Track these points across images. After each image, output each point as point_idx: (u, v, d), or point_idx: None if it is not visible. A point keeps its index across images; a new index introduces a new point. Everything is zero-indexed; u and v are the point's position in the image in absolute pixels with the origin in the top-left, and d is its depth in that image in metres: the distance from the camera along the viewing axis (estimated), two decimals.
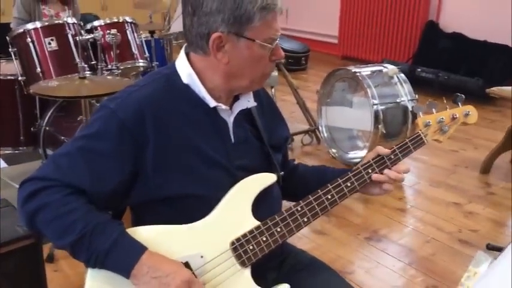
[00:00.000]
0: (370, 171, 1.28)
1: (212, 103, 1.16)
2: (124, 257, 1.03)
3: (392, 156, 1.30)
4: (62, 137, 2.76)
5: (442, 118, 1.39)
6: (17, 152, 3.10)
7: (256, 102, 1.26)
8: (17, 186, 2.86)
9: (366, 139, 3.56)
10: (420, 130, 1.38)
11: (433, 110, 1.40)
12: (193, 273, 1.08)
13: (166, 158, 1.10)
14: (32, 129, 2.95)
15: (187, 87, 1.16)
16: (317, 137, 3.91)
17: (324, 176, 1.30)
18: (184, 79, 1.17)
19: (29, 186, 1.06)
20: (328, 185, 1.24)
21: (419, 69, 5.21)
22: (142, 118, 1.09)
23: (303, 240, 2.60)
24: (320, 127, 3.76)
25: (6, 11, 5.92)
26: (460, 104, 1.42)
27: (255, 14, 1.08)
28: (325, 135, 3.74)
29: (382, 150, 1.30)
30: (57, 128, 2.85)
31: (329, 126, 3.74)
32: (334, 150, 3.64)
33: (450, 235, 2.68)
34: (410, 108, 3.27)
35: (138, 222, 1.17)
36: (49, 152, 2.91)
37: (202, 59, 1.15)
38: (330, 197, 1.23)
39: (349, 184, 1.26)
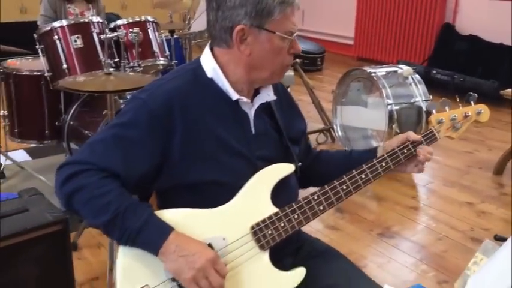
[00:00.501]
0: (384, 164, 1.35)
1: (235, 96, 1.24)
2: (153, 236, 1.11)
3: (406, 151, 1.37)
4: (86, 131, 2.85)
5: (455, 116, 1.46)
6: (41, 145, 3.21)
7: (275, 97, 1.33)
8: (42, 177, 2.98)
9: (380, 139, 3.61)
10: (433, 127, 1.44)
11: (446, 108, 1.47)
12: None
13: (192, 146, 1.18)
14: (56, 123, 3.05)
15: (211, 81, 1.25)
16: (331, 136, 3.98)
17: (349, 160, 1.39)
18: (209, 73, 1.25)
19: (67, 170, 1.14)
20: (344, 176, 1.31)
21: (434, 71, 5.24)
22: (170, 108, 1.17)
23: (317, 234, 2.61)
24: (335, 126, 3.83)
25: (28, 9, 6.09)
26: (472, 102, 1.48)
27: (275, 8, 1.17)
28: (340, 134, 3.81)
29: (413, 135, 1.38)
30: (81, 123, 2.95)
31: (344, 126, 3.80)
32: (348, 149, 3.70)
33: (462, 233, 2.72)
34: (424, 109, 3.32)
35: (163, 206, 1.25)
36: (72, 145, 3.01)
37: (226, 52, 1.23)
38: (345, 187, 1.31)
39: (363, 176, 1.33)
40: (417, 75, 3.48)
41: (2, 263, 1.65)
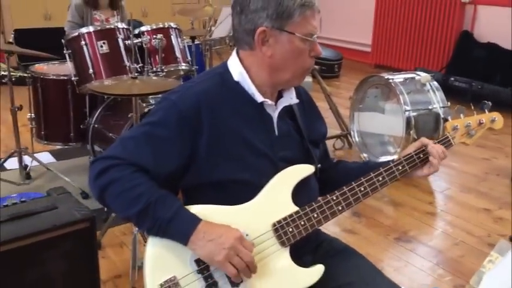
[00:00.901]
0: (400, 167, 1.40)
1: (260, 98, 1.31)
2: (184, 225, 1.18)
3: (422, 155, 1.43)
4: (109, 134, 2.94)
5: (469, 123, 1.51)
6: (66, 147, 3.32)
7: (298, 100, 1.39)
8: (67, 179, 3.07)
9: (397, 145, 3.64)
10: (448, 133, 1.50)
11: (461, 115, 1.52)
12: None
13: (218, 146, 1.25)
14: (81, 126, 3.16)
15: (237, 84, 1.31)
16: (349, 142, 4.01)
17: (367, 168, 1.42)
18: (236, 77, 1.32)
19: (100, 164, 1.22)
20: (362, 178, 1.36)
21: (452, 78, 5.24)
22: (198, 110, 1.24)
23: None
24: (352, 132, 3.86)
25: (52, 16, 6.26)
26: (487, 110, 1.53)
27: (295, 10, 1.24)
28: (357, 140, 3.84)
29: (427, 141, 1.43)
30: (105, 126, 3.04)
31: (361, 132, 3.83)
32: (365, 155, 3.74)
33: (479, 239, 2.74)
34: (442, 115, 3.34)
35: (188, 203, 1.30)
36: (96, 148, 3.11)
37: (249, 55, 1.30)
38: (362, 188, 1.36)
39: (380, 178, 1.38)
40: (435, 82, 3.50)
41: (31, 258, 1.71)
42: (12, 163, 3.36)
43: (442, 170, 3.58)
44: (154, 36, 3.07)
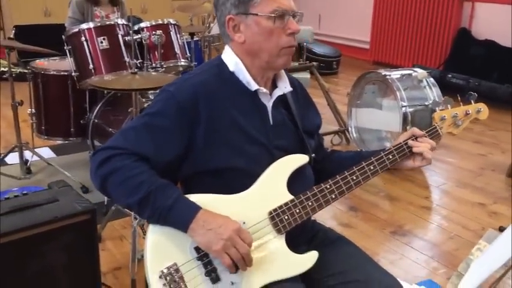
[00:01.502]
0: (390, 156, 1.43)
1: (254, 87, 1.35)
2: (183, 213, 1.21)
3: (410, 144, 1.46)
4: (109, 129, 2.98)
5: (456, 113, 1.55)
6: (66, 142, 3.35)
7: (292, 89, 1.43)
8: (67, 173, 3.10)
9: (394, 140, 3.67)
10: (436, 123, 1.54)
11: (449, 106, 1.56)
12: None
13: (215, 134, 1.29)
14: (81, 121, 3.20)
15: (232, 75, 1.36)
16: (346, 138, 4.05)
17: (361, 157, 1.45)
18: (231, 67, 1.37)
19: (102, 154, 1.25)
20: (354, 167, 1.40)
21: (450, 75, 5.28)
22: (196, 100, 1.28)
23: None
24: (350, 128, 3.90)
25: (52, 12, 6.29)
26: (472, 101, 1.57)
27: None
28: (355, 135, 3.88)
29: (417, 131, 1.46)
30: (105, 121, 3.08)
31: (358, 127, 3.87)
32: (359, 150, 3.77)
33: (474, 232, 2.78)
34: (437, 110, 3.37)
35: (187, 192, 1.33)
36: (96, 142, 3.14)
37: (233, 46, 1.37)
38: (354, 177, 1.39)
39: (371, 167, 1.41)
40: (431, 79, 3.54)
41: (32, 250, 1.73)
42: (13, 158, 3.40)
43: (439, 165, 3.62)
44: (153, 32, 3.11)
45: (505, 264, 1.00)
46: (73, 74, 3.00)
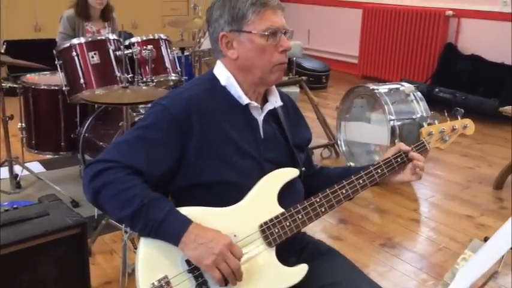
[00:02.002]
0: (379, 171, 1.46)
1: (246, 101, 1.38)
2: (175, 227, 1.23)
3: (399, 159, 1.49)
4: (100, 143, 2.99)
5: (443, 129, 1.59)
6: (56, 156, 3.35)
7: (282, 103, 1.46)
8: (57, 188, 3.09)
9: (383, 154, 3.72)
10: (424, 138, 1.57)
11: (436, 121, 1.59)
12: None
13: (206, 147, 1.31)
14: (72, 135, 3.20)
15: (224, 89, 1.39)
16: (336, 151, 4.09)
17: (349, 173, 1.47)
18: (223, 82, 1.39)
19: (95, 167, 1.26)
20: (343, 181, 1.43)
21: (437, 89, 5.36)
22: (188, 114, 1.31)
23: None
24: (339, 141, 3.94)
25: (42, 27, 6.30)
26: (459, 117, 1.61)
27: (248, 10, 1.33)
28: (344, 149, 3.92)
29: (403, 146, 1.49)
30: (95, 135, 3.09)
31: (347, 141, 3.92)
32: (352, 164, 3.81)
33: (461, 244, 2.81)
34: (425, 125, 3.43)
35: (178, 205, 1.34)
36: (87, 157, 3.14)
37: (225, 61, 1.40)
38: (344, 191, 1.42)
39: (361, 181, 1.44)
40: (419, 93, 3.60)
41: (23, 264, 1.73)
42: (2, 172, 3.38)
43: (427, 178, 3.67)
44: (144, 47, 3.14)
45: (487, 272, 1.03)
46: (64, 88, 3.01)
